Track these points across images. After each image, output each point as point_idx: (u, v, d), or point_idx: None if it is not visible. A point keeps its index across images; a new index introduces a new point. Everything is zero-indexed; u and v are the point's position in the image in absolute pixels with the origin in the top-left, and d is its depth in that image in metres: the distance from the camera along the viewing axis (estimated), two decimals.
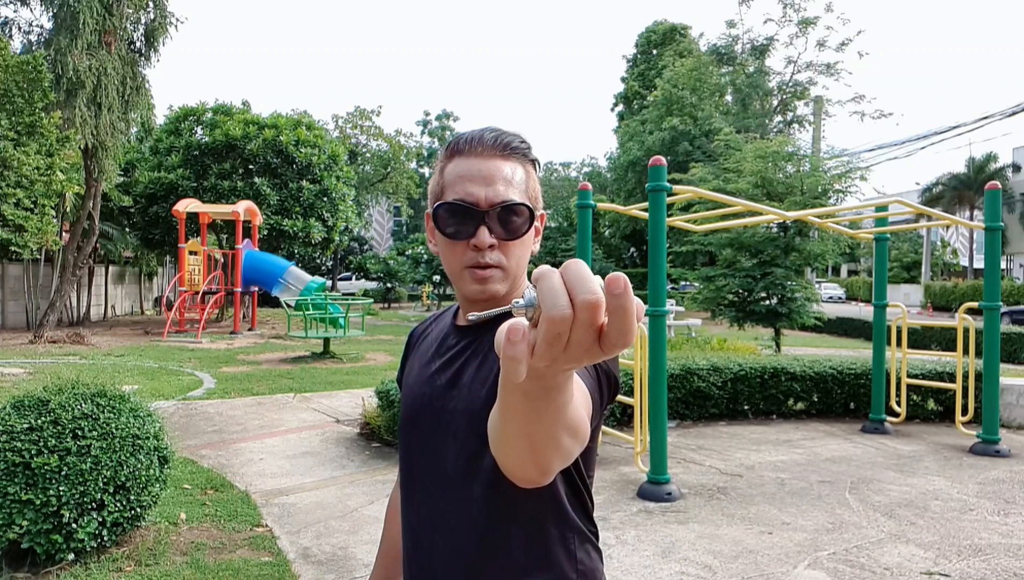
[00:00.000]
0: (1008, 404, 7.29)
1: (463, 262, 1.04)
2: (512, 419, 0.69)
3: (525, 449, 0.73)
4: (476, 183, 1.03)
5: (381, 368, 11.05)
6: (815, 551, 3.92)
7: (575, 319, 0.53)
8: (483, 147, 1.05)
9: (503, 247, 1.03)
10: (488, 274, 1.03)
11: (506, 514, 1.00)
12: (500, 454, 0.78)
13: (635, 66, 37.03)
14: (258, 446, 6.09)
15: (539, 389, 0.63)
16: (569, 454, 0.76)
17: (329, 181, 21.28)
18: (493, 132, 1.06)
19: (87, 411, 3.51)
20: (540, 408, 0.66)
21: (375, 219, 47.17)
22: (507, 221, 1.02)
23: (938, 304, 33.32)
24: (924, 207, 7.75)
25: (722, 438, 6.64)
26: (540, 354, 0.55)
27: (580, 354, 0.55)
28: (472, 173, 1.03)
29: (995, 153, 41.04)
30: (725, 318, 12.20)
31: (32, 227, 13.71)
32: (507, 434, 0.73)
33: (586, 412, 0.84)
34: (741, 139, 14.03)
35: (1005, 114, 21.50)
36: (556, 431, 0.70)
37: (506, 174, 1.04)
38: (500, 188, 1.03)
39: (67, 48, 13.50)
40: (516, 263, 1.06)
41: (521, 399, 0.65)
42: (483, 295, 1.05)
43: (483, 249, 1.02)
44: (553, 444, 0.72)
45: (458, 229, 1.03)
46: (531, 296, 0.56)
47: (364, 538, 4.01)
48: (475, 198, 1.02)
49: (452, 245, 1.04)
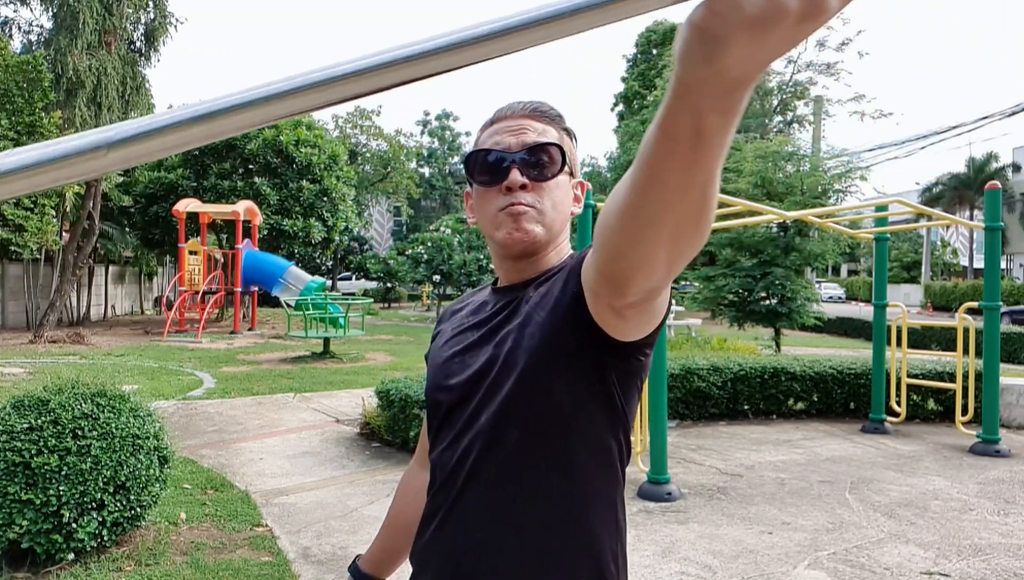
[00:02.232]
0: (1008, 404, 7.29)
1: (498, 206, 1.03)
2: (661, 180, 0.56)
3: (665, 228, 0.61)
4: (506, 134, 1.05)
5: (381, 368, 11.05)
6: (815, 551, 3.92)
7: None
8: (513, 111, 1.08)
9: (536, 189, 1.03)
10: (521, 210, 1.02)
11: (543, 456, 0.97)
12: (626, 249, 0.67)
13: (635, 66, 37.00)
14: (258, 446, 6.09)
15: (729, 104, 0.48)
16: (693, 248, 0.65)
17: (329, 181, 21.28)
18: (521, 101, 1.09)
19: (87, 411, 3.51)
20: (709, 152, 0.52)
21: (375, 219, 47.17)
22: (537, 160, 1.03)
23: (938, 304, 33.32)
24: (924, 207, 7.75)
25: (722, 438, 6.64)
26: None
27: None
28: (502, 129, 1.06)
29: (995, 153, 41.07)
30: (725, 318, 12.21)
31: (32, 227, 13.71)
32: (646, 211, 0.61)
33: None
34: (741, 139, 14.03)
35: (1005, 114, 21.51)
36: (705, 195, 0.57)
37: (537, 128, 1.06)
38: (531, 135, 1.04)
39: (67, 48, 13.51)
40: (552, 207, 1.04)
41: (691, 139, 0.51)
42: (517, 233, 1.02)
43: (515, 189, 1.02)
44: (692, 223, 0.60)
45: (491, 176, 1.04)
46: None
47: (364, 538, 4.01)
48: (505, 144, 1.04)
49: (486, 193, 1.05)
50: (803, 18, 0.41)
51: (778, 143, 12.36)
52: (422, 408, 5.60)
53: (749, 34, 0.42)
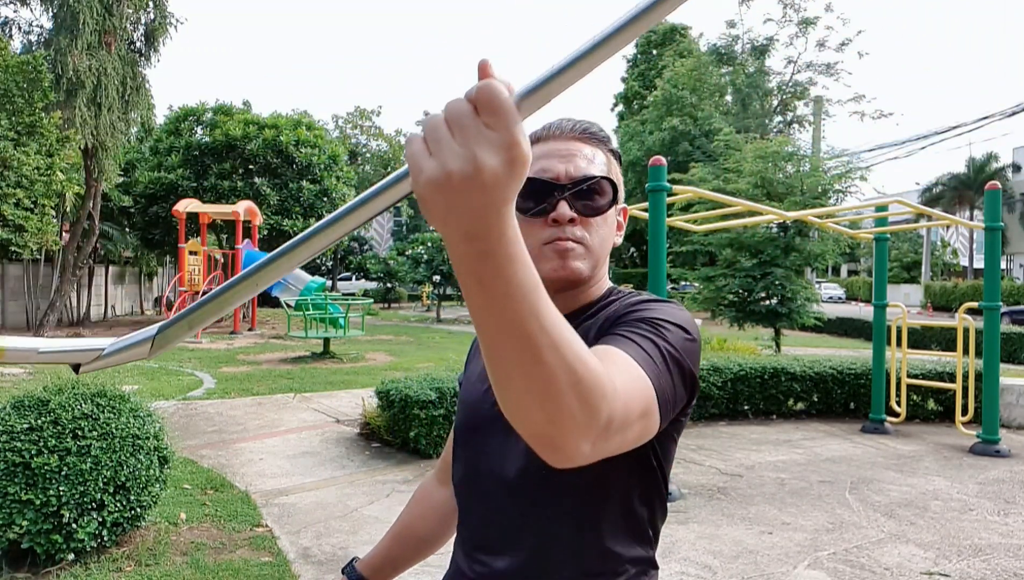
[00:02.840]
0: (1008, 404, 7.29)
1: (541, 239, 0.97)
2: (484, 324, 0.58)
3: (512, 375, 0.60)
4: (555, 160, 1.00)
5: (381, 368, 11.05)
6: (815, 551, 3.92)
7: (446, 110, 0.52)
8: (562, 132, 1.03)
9: (584, 223, 0.98)
10: (569, 247, 0.97)
11: (567, 517, 0.95)
12: (499, 401, 0.64)
13: (635, 66, 36.99)
14: (258, 446, 6.09)
15: (478, 253, 0.54)
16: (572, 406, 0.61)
17: (329, 181, 21.29)
18: (571, 120, 1.04)
19: (87, 411, 3.51)
20: (497, 292, 0.55)
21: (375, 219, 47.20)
22: (588, 196, 0.98)
23: (938, 304, 33.32)
24: (924, 207, 7.75)
25: (722, 438, 6.64)
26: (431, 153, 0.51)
27: (465, 131, 0.50)
28: (551, 152, 1.01)
29: (995, 153, 41.12)
30: (725, 318, 12.21)
31: (32, 227, 13.71)
32: (488, 362, 0.61)
33: (633, 391, 0.74)
34: (741, 139, 14.04)
35: (1005, 114, 21.51)
36: (540, 346, 0.58)
37: (587, 153, 1.01)
38: (581, 163, 0.99)
39: (67, 48, 13.51)
40: (599, 243, 1.00)
41: (474, 284, 0.56)
42: (563, 271, 0.98)
43: (563, 223, 0.97)
44: (543, 370, 0.59)
45: (537, 205, 0.98)
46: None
47: (364, 538, 4.01)
48: (554, 173, 0.99)
49: (530, 223, 0.98)
50: (464, 182, 0.50)
51: (778, 143, 12.37)
52: (422, 408, 5.60)
53: (433, 195, 0.51)
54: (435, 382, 5.83)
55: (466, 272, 0.55)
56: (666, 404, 0.82)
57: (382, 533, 1.30)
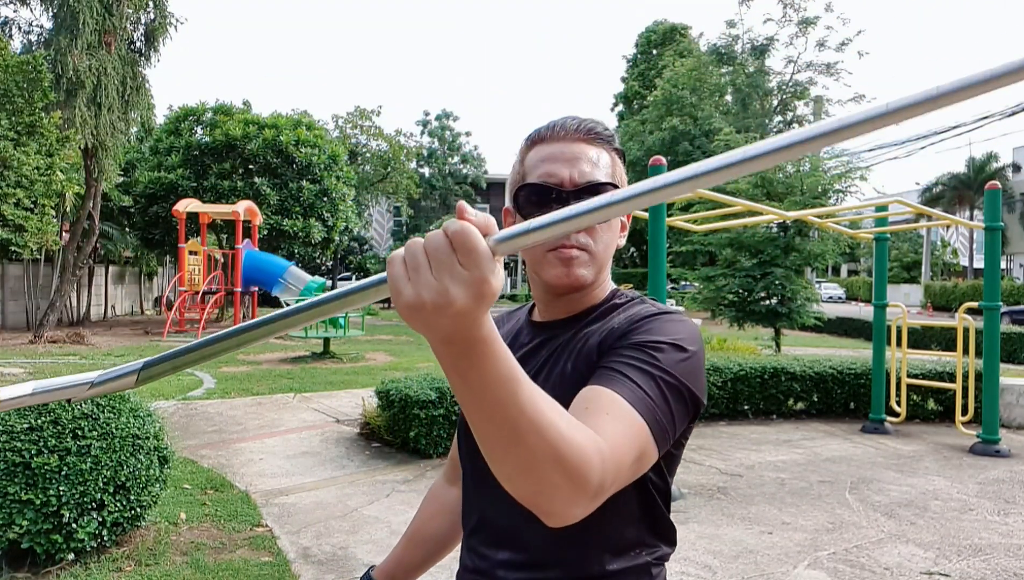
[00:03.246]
0: (1008, 404, 7.29)
1: (546, 245, 0.97)
2: (467, 409, 0.65)
3: (498, 453, 0.67)
4: (559, 163, 0.99)
5: (381, 368, 11.05)
6: (815, 551, 3.92)
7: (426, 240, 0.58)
8: (566, 132, 1.01)
9: (589, 230, 0.98)
10: (574, 255, 0.97)
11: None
12: (491, 468, 0.70)
13: (635, 66, 36.99)
14: (258, 446, 6.09)
15: (455, 354, 0.61)
16: (557, 481, 0.67)
17: (329, 181, 21.28)
18: (575, 119, 1.03)
19: (87, 411, 3.51)
20: (475, 383, 0.62)
21: (375, 219, 47.14)
22: None
23: (938, 304, 33.32)
24: (924, 207, 7.75)
25: (722, 438, 6.64)
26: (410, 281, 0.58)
27: (440, 266, 0.57)
28: (555, 155, 1.00)
29: (995, 153, 41.06)
30: (725, 318, 12.21)
31: (32, 227, 13.70)
32: (476, 438, 0.68)
33: (625, 443, 0.78)
34: (741, 139, 14.04)
35: (1005, 114, 21.49)
36: (520, 430, 0.64)
37: (591, 156, 1.00)
38: (585, 168, 0.98)
39: (67, 48, 13.50)
40: (603, 249, 1.00)
41: (455, 377, 0.63)
42: (567, 278, 0.98)
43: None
44: (525, 451, 0.65)
45: (540, 212, 0.99)
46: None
47: (364, 538, 4.01)
48: (559, 178, 0.98)
49: None
50: (436, 311, 0.57)
51: None
52: (422, 408, 5.60)
53: (410, 315, 0.58)
54: (435, 382, 5.83)
55: (447, 367, 0.63)
56: (663, 435, 0.84)
57: (382, 533, 1.31)
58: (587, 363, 0.94)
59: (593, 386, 0.84)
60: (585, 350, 0.96)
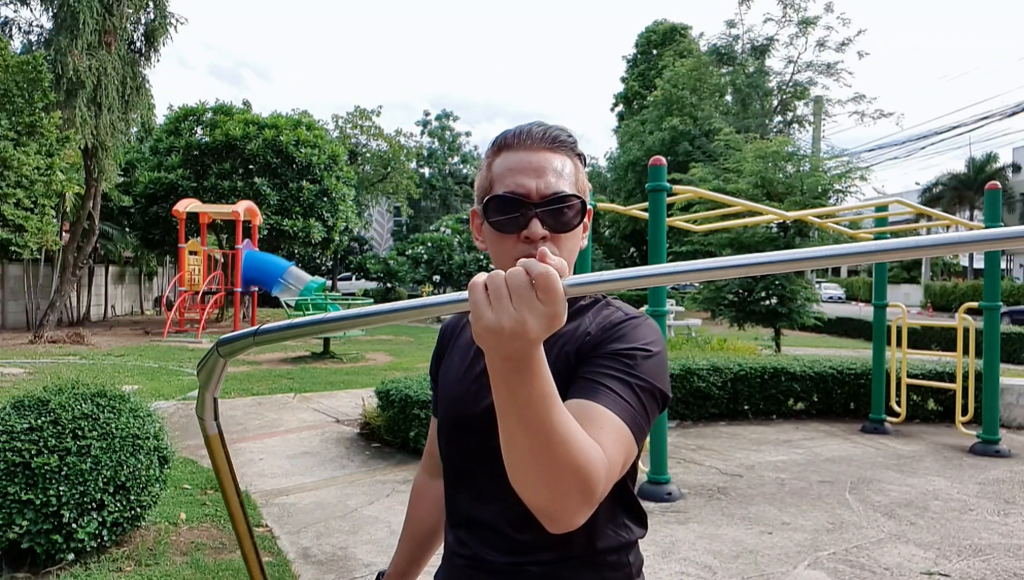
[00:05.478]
0: (1008, 404, 7.29)
1: (513, 255, 1.00)
2: (507, 420, 0.74)
3: (526, 462, 0.76)
4: (526, 174, 1.01)
5: (381, 368, 11.05)
6: (815, 551, 3.92)
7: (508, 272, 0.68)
8: (531, 140, 1.04)
9: (555, 240, 1.02)
10: None
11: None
12: (510, 475, 0.79)
13: (635, 66, 36.98)
14: (258, 446, 6.09)
15: (511, 369, 0.70)
16: (573, 490, 0.77)
17: (329, 181, 21.28)
18: (540, 126, 1.06)
19: (87, 411, 3.51)
20: (522, 397, 0.71)
21: (375, 219, 47.16)
22: (559, 213, 1.01)
23: (938, 304, 33.31)
24: (924, 207, 7.75)
25: (722, 438, 6.64)
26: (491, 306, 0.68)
27: (521, 300, 0.67)
28: (522, 165, 1.02)
29: (995, 153, 41.08)
30: (725, 318, 12.21)
31: (32, 227, 13.70)
32: (505, 447, 0.77)
33: (618, 451, 0.86)
34: (741, 139, 14.04)
35: (1005, 114, 21.50)
36: (552, 442, 0.73)
37: (556, 166, 1.03)
38: (551, 179, 1.01)
39: (67, 48, 13.49)
40: (568, 256, 1.03)
41: (504, 389, 0.72)
42: None
43: (535, 241, 1.00)
44: (553, 461, 0.74)
45: (509, 222, 1.01)
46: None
47: (364, 538, 4.01)
48: (526, 189, 1.01)
49: (502, 238, 1.02)
50: (512, 336, 0.67)
51: (778, 143, 12.37)
52: (422, 408, 5.60)
53: (487, 336, 0.68)
54: None
55: (499, 379, 0.72)
56: (642, 434, 0.94)
57: (382, 533, 1.33)
58: (566, 365, 0.99)
59: (582, 400, 0.91)
60: (562, 354, 1.01)
